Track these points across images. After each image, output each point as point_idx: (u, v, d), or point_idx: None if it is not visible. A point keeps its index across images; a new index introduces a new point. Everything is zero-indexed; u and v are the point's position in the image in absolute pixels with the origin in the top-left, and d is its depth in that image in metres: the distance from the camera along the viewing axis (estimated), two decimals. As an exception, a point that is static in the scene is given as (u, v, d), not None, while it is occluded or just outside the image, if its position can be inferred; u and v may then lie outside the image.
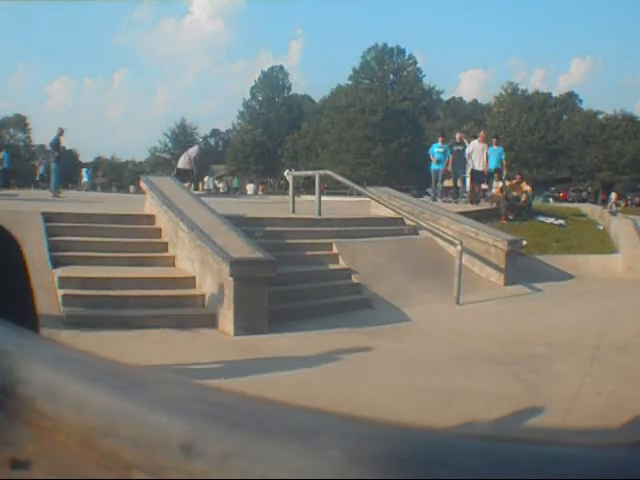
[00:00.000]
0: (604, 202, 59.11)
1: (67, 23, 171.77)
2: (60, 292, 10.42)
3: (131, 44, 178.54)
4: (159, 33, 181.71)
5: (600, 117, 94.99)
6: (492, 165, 24.44)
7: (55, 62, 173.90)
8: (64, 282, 10.65)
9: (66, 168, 40.38)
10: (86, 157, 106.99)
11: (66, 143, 64.39)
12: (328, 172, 19.07)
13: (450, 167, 25.35)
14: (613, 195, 61.14)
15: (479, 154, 24.13)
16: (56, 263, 11.25)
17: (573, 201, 56.22)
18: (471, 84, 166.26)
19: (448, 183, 27.66)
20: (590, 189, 79.08)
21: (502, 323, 11.96)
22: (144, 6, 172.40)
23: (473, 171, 23.80)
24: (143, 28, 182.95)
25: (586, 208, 29.85)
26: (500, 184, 22.41)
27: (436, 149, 25.87)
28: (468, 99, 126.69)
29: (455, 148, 25.28)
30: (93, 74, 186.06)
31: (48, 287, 10.30)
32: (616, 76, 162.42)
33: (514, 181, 23.81)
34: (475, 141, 25.28)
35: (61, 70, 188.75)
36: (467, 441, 0.56)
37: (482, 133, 25.93)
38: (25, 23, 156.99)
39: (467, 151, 25.05)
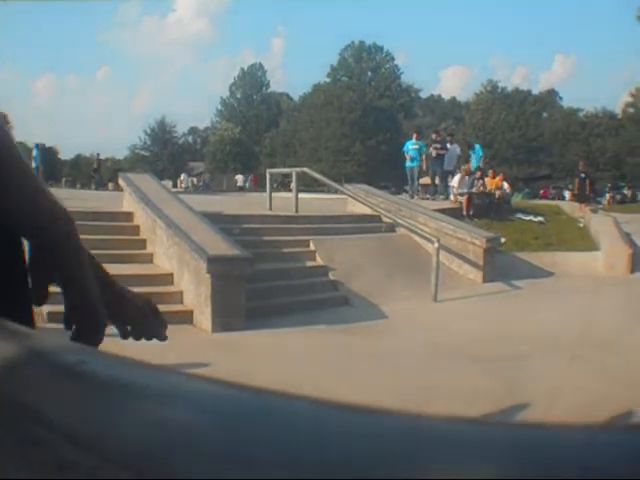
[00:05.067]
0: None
1: (53, 21, 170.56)
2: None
3: (114, 42, 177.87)
4: (142, 31, 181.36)
5: (580, 114, 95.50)
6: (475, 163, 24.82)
7: (39, 60, 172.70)
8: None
9: (46, 165, 40.48)
10: (66, 154, 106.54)
11: (47, 140, 64.17)
12: (305, 169, 19.06)
13: (424, 164, 25.47)
14: (567, 194, 59.16)
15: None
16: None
17: (553, 198, 56.17)
18: (451, 82, 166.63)
19: (425, 180, 27.77)
20: (571, 186, 79.17)
21: (481, 320, 11.98)
22: (128, 4, 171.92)
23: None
24: (126, 26, 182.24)
25: (566, 205, 29.94)
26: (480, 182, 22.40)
27: (410, 146, 25.91)
28: (447, 97, 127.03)
29: (433, 146, 25.34)
30: (76, 71, 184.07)
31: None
32: (598, 74, 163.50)
33: (488, 177, 23.81)
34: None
35: (45, 68, 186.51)
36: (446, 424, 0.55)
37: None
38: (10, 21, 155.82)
39: (458, 151, 25.42)
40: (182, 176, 72.70)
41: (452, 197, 22.38)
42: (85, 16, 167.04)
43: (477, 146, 27.77)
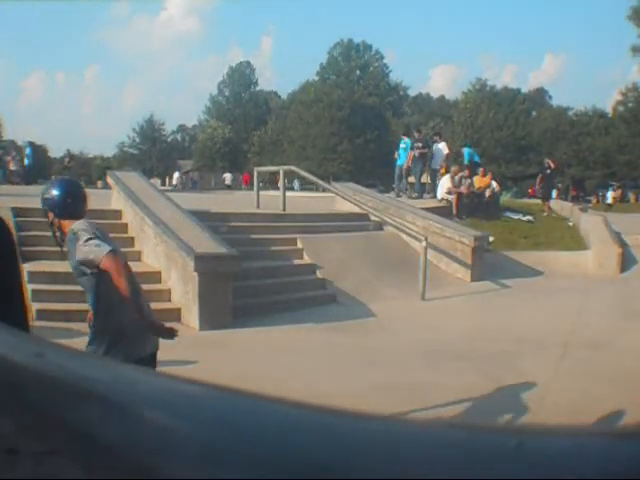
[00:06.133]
0: (574, 198, 58.70)
1: (44, 18, 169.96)
2: (30, 287, 10.38)
3: (105, 40, 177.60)
4: (132, 29, 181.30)
5: (570, 113, 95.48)
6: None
7: (30, 57, 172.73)
8: (33, 277, 10.66)
9: (36, 163, 40.40)
10: (56, 152, 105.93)
11: (37, 138, 64.17)
12: (293, 168, 19.07)
13: (409, 163, 25.45)
14: (554, 192, 57.47)
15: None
16: (25, 258, 11.17)
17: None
18: (440, 80, 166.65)
19: (411, 179, 27.77)
20: (560, 185, 78.93)
21: (468, 319, 11.98)
22: (120, 3, 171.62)
23: None
24: (117, 24, 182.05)
25: (555, 205, 29.81)
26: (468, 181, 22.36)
27: (400, 145, 26.11)
28: (436, 95, 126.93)
29: (414, 144, 25.34)
30: (66, 69, 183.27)
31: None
32: (588, 72, 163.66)
33: (477, 176, 23.76)
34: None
35: (35, 64, 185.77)
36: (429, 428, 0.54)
37: None
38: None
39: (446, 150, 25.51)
40: (175, 174, 73.04)
41: (439, 196, 22.35)
42: (76, 14, 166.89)
43: (467, 149, 27.92)
